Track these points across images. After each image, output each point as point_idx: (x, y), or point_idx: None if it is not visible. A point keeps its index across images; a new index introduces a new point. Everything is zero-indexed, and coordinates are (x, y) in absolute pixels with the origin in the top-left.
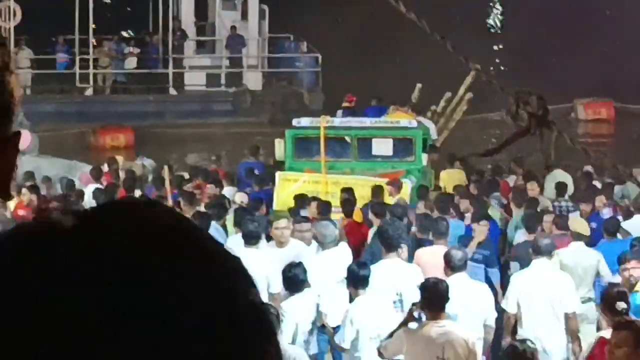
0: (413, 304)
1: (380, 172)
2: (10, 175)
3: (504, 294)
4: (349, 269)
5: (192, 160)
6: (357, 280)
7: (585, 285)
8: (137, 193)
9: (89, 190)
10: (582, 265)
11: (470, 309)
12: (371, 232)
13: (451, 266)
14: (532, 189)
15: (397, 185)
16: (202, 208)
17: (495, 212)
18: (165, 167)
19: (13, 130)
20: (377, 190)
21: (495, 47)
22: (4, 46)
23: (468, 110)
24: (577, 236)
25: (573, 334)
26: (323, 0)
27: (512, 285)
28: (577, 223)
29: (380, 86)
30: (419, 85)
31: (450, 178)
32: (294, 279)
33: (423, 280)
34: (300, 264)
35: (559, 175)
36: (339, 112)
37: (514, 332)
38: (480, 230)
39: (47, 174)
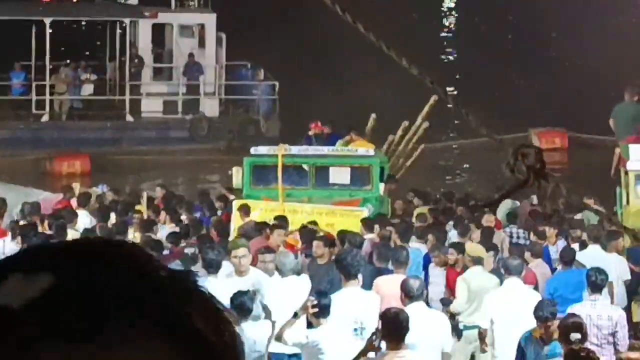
0: (373, 333)
1: (338, 200)
2: None
3: None
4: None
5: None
6: (318, 309)
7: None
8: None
9: (81, 215)
10: (484, 286)
11: (428, 337)
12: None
13: (409, 295)
14: (490, 220)
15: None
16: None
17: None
18: (144, 194)
19: None
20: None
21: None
22: None
23: (423, 138)
24: (477, 260)
25: None
26: (280, 27)
27: (484, 303)
28: (474, 247)
29: (337, 114)
30: (373, 116)
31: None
32: (241, 307)
33: (383, 310)
34: (247, 292)
35: (509, 203)
36: (306, 139)
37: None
38: None
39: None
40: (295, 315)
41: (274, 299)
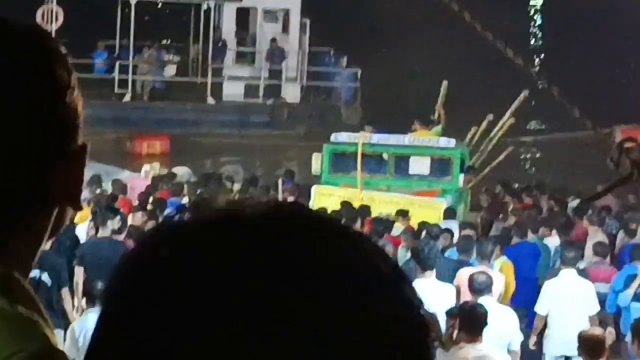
0: (449, 326)
1: (416, 190)
2: (79, 187)
3: None
4: None
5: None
6: None
7: None
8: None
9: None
10: None
11: (496, 332)
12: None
13: (474, 289)
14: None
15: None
16: None
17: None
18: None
19: (79, 144)
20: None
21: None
22: (65, 64)
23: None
24: None
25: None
26: (365, 16)
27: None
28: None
29: (418, 104)
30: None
31: None
32: None
33: (461, 303)
34: None
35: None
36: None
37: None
38: None
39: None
40: None
41: None
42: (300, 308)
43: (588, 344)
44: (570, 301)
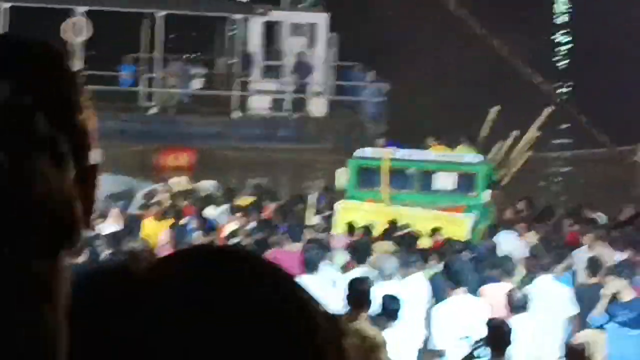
0: (476, 342)
1: (442, 206)
2: (91, 208)
3: None
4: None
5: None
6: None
7: None
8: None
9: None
10: None
11: (533, 350)
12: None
13: (514, 306)
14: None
15: None
16: None
17: None
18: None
19: (89, 164)
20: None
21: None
22: (73, 84)
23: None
24: None
25: None
26: (392, 32)
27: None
28: None
29: (444, 120)
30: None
31: None
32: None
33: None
34: (366, 279)
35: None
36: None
37: None
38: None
39: (109, 191)
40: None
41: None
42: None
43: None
44: (547, 306)
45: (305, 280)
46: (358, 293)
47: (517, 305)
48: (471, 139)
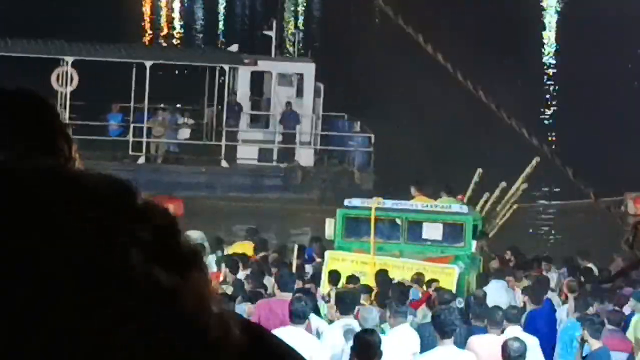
0: None
1: (429, 256)
2: None
3: None
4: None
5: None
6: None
7: None
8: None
9: None
10: None
11: None
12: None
13: (508, 357)
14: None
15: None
16: None
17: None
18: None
19: None
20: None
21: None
22: (66, 136)
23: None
24: None
25: None
26: (377, 82)
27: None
28: None
29: (432, 171)
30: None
31: None
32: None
33: None
34: (374, 331)
35: None
36: None
37: None
38: None
39: None
40: None
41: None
42: None
43: None
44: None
45: (292, 331)
46: (367, 346)
47: (514, 356)
48: (451, 190)
